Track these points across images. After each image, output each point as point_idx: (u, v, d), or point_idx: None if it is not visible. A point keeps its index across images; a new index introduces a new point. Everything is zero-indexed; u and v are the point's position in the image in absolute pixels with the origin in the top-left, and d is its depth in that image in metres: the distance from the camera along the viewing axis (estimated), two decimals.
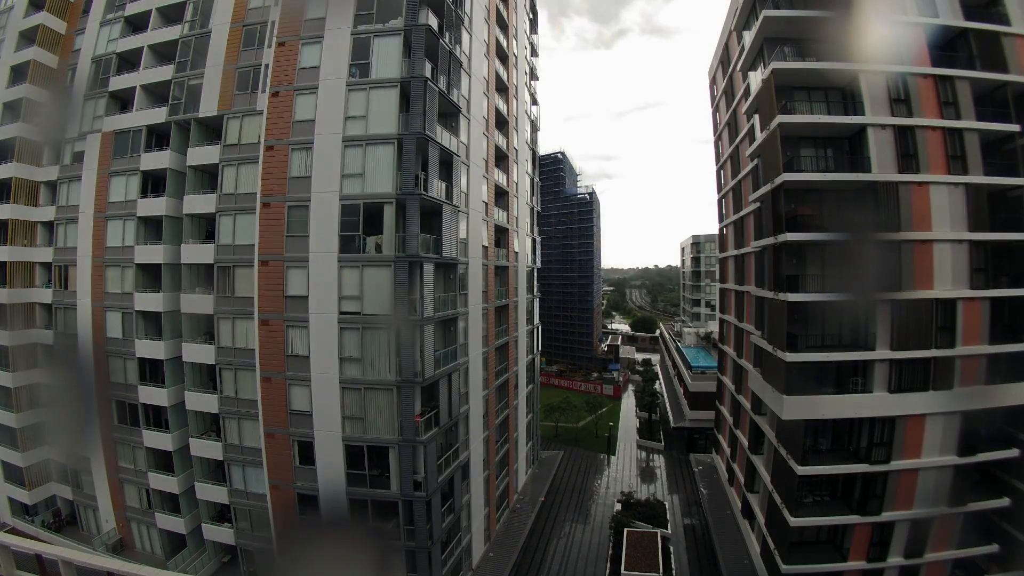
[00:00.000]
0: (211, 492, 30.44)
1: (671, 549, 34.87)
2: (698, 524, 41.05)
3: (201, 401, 29.97)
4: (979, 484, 27.22)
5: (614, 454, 58.05)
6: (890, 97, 26.18)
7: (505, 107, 40.50)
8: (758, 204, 31.45)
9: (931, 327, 25.59)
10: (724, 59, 42.91)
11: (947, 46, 27.41)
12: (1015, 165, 26.27)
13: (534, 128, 51.34)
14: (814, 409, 26.26)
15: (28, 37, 35.93)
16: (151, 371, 31.55)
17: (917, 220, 25.58)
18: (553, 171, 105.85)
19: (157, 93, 32.22)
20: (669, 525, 39.06)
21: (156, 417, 31.70)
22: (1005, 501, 26.69)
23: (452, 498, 28.85)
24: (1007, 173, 26.25)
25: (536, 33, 51.93)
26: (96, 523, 34.85)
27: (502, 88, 40.41)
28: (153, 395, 31.11)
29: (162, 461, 31.84)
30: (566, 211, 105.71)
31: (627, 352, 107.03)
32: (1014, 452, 26.54)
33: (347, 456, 25.86)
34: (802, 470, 26.06)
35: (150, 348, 30.91)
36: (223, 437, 29.37)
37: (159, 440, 31.21)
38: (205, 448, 30.19)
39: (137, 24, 33.34)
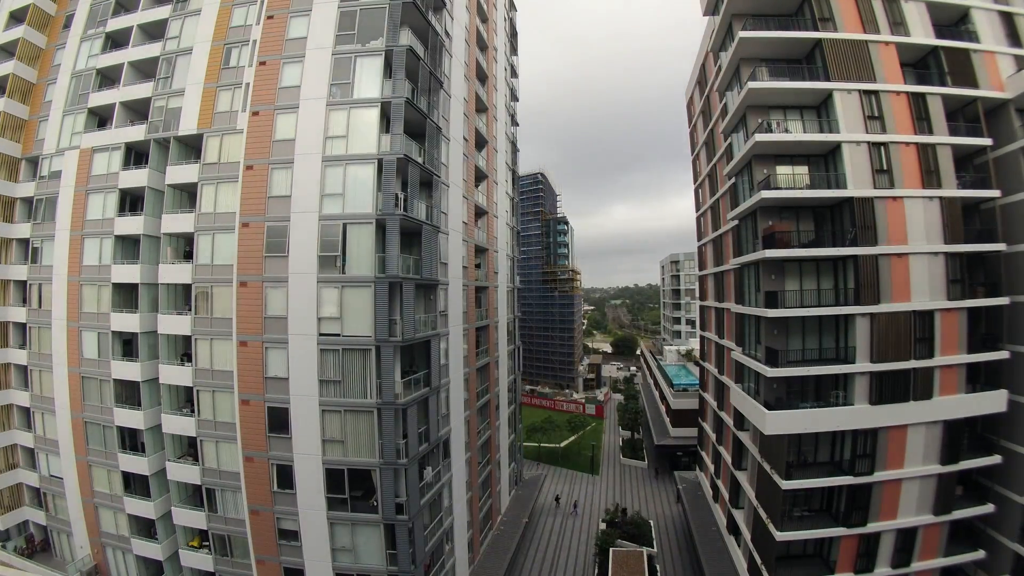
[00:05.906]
0: (189, 517, 29.68)
1: (657, 568, 34.56)
2: (684, 542, 40.75)
3: (178, 424, 29.31)
4: (963, 491, 27.43)
5: (597, 473, 57.74)
6: (864, 114, 26.69)
7: (485, 128, 40.71)
8: (736, 222, 31.77)
9: (909, 338, 25.82)
10: (701, 80, 43.60)
11: (919, 63, 28.16)
12: (987, 178, 26.87)
13: (514, 148, 51.65)
14: (796, 423, 26.25)
15: (8, 51, 35.62)
16: (127, 393, 30.83)
17: (893, 234, 25.96)
18: (532, 191, 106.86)
19: (137, 110, 32.01)
20: (655, 543, 38.76)
21: (132, 440, 30.93)
22: (990, 507, 26.88)
23: (435, 520, 28.37)
24: (979, 186, 26.82)
25: (516, 55, 52.35)
26: (71, 549, 33.85)
27: (482, 109, 40.67)
28: (129, 417, 30.37)
29: (139, 485, 31.03)
30: (546, 230, 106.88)
31: (609, 371, 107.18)
32: (996, 459, 26.77)
33: (327, 480, 25.38)
34: (786, 484, 25.97)
35: (126, 369, 30.28)
36: (200, 461, 28.71)
37: (135, 463, 30.46)
38: (182, 472, 29.47)
39: (118, 40, 33.21)
